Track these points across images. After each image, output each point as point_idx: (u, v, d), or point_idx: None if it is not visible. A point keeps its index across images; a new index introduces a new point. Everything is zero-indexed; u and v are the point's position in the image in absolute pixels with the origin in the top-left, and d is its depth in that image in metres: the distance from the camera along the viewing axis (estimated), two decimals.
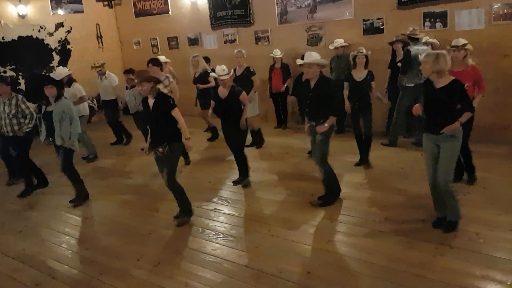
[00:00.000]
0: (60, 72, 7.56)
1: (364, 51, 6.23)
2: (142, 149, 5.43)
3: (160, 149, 4.77)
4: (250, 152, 6.53)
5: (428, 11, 7.46)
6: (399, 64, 7.09)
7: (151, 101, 4.81)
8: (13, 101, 6.27)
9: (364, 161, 6.42)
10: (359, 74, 6.19)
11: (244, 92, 5.91)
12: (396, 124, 7.22)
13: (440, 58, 4.00)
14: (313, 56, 4.88)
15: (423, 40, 6.97)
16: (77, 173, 5.90)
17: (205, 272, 4.01)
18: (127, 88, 7.70)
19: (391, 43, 7.42)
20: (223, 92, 5.87)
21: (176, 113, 4.77)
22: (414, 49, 6.76)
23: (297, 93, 6.56)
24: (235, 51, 7.84)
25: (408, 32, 6.93)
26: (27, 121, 6.28)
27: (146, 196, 6.00)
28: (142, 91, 4.83)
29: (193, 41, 10.87)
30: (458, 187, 4.84)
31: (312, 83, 4.92)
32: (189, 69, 8.63)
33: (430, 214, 4.56)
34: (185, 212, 5.04)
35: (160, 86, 5.32)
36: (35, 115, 6.36)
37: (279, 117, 9.24)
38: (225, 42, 10.28)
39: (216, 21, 10.27)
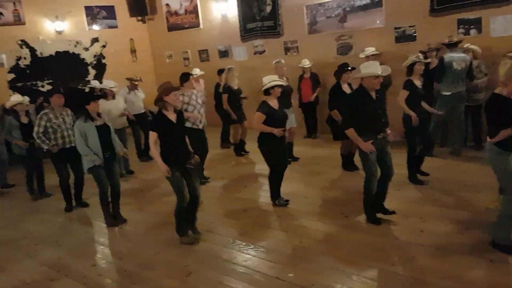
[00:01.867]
0: (108, 84, 7.75)
1: (421, 57, 5.92)
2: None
3: (192, 161, 4.73)
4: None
5: (462, 18, 7.28)
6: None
7: (172, 116, 4.67)
8: (69, 112, 6.30)
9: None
10: (418, 82, 5.84)
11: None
12: (432, 133, 7.02)
13: None
14: (386, 68, 4.79)
15: (464, 46, 6.81)
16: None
17: (236, 283, 3.99)
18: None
19: (424, 52, 7.26)
20: (275, 103, 5.52)
21: None
22: (448, 56, 6.61)
23: (337, 105, 6.19)
24: (275, 61, 7.67)
25: (447, 41, 6.81)
26: None
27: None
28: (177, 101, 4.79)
29: (223, 53, 11.00)
30: None
31: (373, 94, 4.63)
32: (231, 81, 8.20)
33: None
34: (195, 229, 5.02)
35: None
36: None
37: (309, 127, 9.18)
38: (254, 54, 10.35)
39: (246, 33, 10.37)
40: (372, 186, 4.75)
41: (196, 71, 9.35)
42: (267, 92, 5.44)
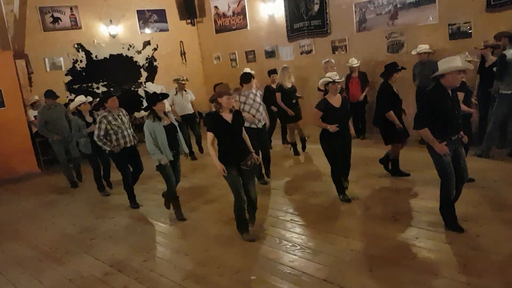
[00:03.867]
0: (156, 88, 8.08)
1: (469, 56, 5.74)
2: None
3: (249, 162, 4.79)
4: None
5: None
6: (494, 69, 6.58)
7: (227, 116, 4.74)
8: (124, 112, 6.51)
9: None
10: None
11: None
12: (491, 134, 6.68)
13: None
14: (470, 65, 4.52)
15: None
16: None
17: (283, 284, 3.98)
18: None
19: (481, 49, 6.93)
20: (336, 100, 5.49)
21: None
22: (510, 53, 6.26)
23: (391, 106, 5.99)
24: (324, 61, 7.56)
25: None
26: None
27: (228, 205, 6.06)
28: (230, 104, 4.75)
29: (270, 54, 11.02)
30: None
31: (450, 92, 4.36)
32: (284, 81, 8.13)
33: None
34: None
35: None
36: None
37: (357, 126, 9.00)
38: (301, 53, 10.30)
39: (293, 33, 10.33)
40: (450, 190, 4.42)
41: (247, 71, 9.29)
42: (324, 89, 5.50)
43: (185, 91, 8.83)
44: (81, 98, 7.28)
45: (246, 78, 6.63)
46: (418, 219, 4.91)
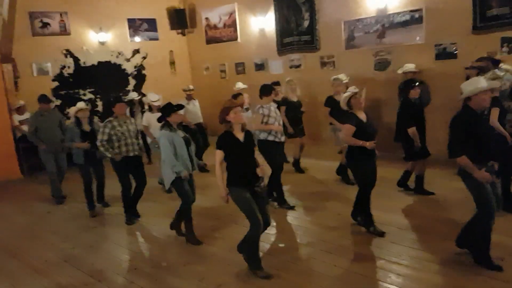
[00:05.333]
0: (151, 97, 7.68)
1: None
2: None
3: (262, 184, 4.34)
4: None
5: (506, 36, 7.06)
6: None
7: (239, 134, 4.35)
8: (132, 120, 6.26)
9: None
10: None
11: None
12: None
13: None
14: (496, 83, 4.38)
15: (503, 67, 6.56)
16: None
17: None
18: None
19: (468, 68, 7.06)
20: (363, 115, 5.05)
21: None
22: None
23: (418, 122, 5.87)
24: (333, 78, 7.53)
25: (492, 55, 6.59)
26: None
27: (212, 219, 6.04)
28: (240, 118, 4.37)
29: (259, 66, 11.09)
30: None
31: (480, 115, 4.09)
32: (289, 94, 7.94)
33: None
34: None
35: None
36: None
37: None
38: (290, 67, 10.39)
39: (283, 47, 10.43)
40: (490, 223, 4.04)
41: (239, 85, 9.04)
42: (348, 105, 5.02)
43: (194, 99, 8.84)
44: (81, 105, 6.75)
45: (266, 90, 6.15)
46: (409, 240, 4.93)
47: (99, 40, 11.18)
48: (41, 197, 7.84)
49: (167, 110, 5.13)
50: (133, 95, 9.72)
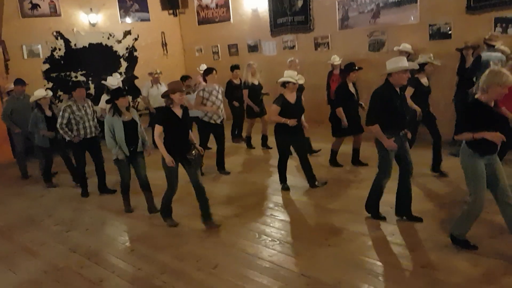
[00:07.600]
0: (114, 81, 7.98)
1: (432, 58, 6.06)
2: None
3: (193, 152, 5.05)
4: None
5: (499, 16, 7.04)
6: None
7: (178, 111, 5.01)
8: (90, 103, 6.65)
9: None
10: (425, 80, 6.09)
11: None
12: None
13: None
14: (415, 64, 4.98)
15: (495, 47, 6.59)
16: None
17: (262, 278, 4.01)
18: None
19: (461, 50, 7.08)
20: (292, 97, 5.90)
21: None
22: (485, 54, 6.41)
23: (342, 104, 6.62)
24: (289, 59, 8.00)
25: (486, 37, 6.62)
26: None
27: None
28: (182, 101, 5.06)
29: (253, 48, 11.00)
30: None
31: (398, 91, 4.64)
32: (247, 78, 8.40)
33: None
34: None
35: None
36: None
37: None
38: (284, 48, 10.32)
39: (276, 28, 10.34)
40: (383, 183, 4.83)
41: (203, 67, 9.00)
42: (283, 85, 5.86)
43: (160, 84, 8.91)
44: (41, 93, 7.04)
45: (208, 72, 6.87)
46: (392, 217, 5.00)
47: (90, 21, 11.00)
48: (33, 180, 7.86)
49: (117, 93, 5.59)
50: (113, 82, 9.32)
